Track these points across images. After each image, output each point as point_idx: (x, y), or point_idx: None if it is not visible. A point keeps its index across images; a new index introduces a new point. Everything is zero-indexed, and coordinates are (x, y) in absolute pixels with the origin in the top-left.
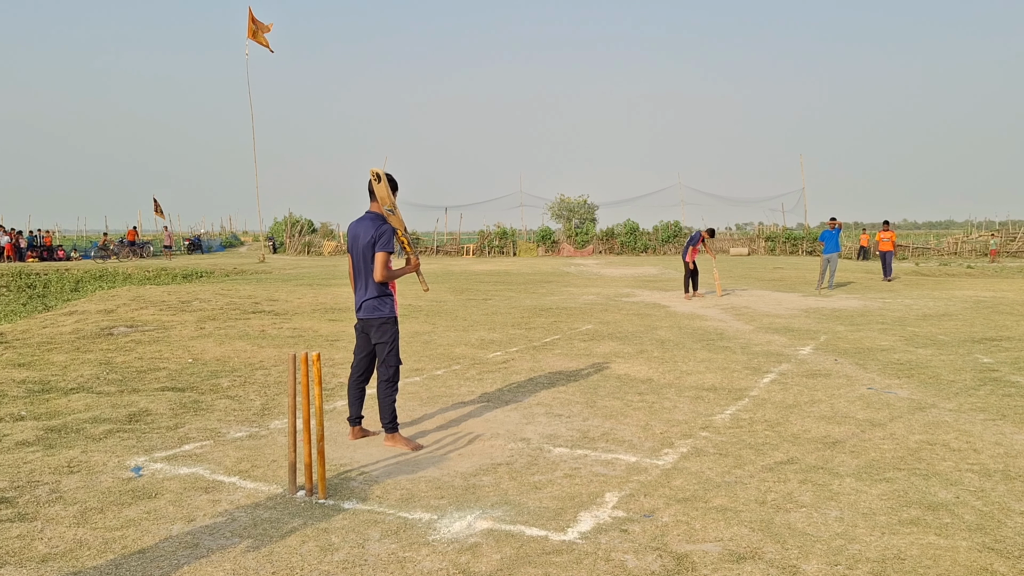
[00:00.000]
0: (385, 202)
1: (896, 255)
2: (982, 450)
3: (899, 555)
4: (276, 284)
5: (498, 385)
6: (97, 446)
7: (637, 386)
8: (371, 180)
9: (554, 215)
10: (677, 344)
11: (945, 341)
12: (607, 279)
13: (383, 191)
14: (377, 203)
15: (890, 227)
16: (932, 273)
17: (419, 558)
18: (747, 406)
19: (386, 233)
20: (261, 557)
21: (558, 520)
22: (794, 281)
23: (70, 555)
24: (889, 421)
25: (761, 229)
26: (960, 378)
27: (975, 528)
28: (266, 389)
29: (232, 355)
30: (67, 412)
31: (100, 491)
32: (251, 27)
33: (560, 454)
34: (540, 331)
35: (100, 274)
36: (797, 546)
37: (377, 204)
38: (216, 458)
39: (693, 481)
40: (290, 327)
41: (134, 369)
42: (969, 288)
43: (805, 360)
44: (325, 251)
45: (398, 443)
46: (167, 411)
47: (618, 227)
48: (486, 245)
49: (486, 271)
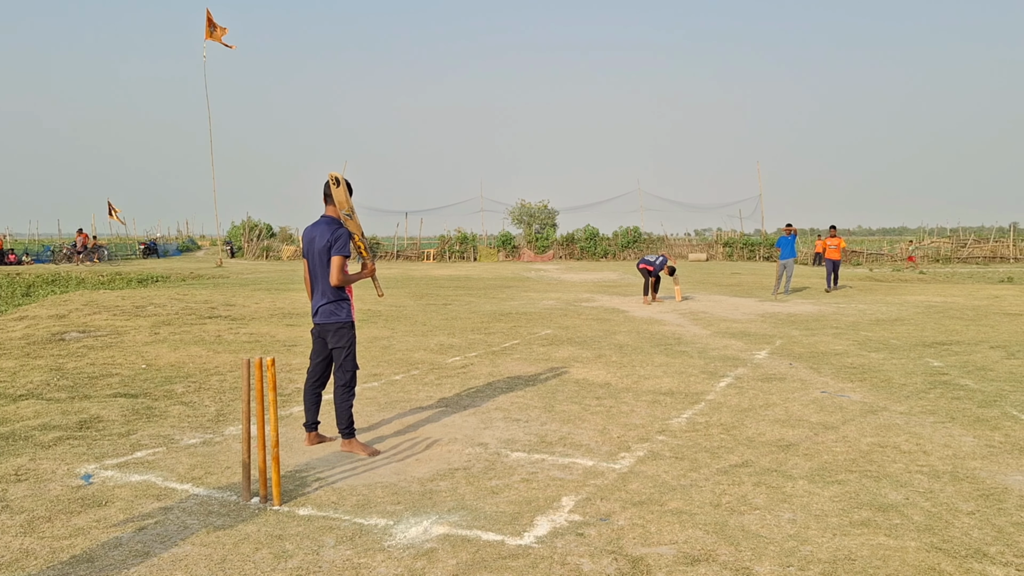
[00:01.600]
0: (343, 206)
1: (849, 261)
2: (931, 452)
3: (850, 556)
4: (233, 289)
5: (456, 390)
6: (46, 453)
7: (595, 390)
8: (328, 184)
9: (515, 220)
10: (635, 349)
11: (897, 345)
12: (567, 284)
13: (341, 195)
14: (333, 207)
15: (838, 233)
16: (885, 279)
17: (374, 564)
18: (703, 410)
19: (342, 237)
20: (213, 565)
21: (514, 525)
22: (751, 286)
23: (15, 565)
24: (842, 424)
25: (719, 235)
26: (911, 381)
27: (924, 529)
28: (221, 395)
29: (187, 361)
30: (15, 419)
31: (48, 499)
32: (208, 28)
33: (517, 459)
34: (499, 336)
35: (52, 279)
36: (750, 548)
37: (333, 208)
38: (169, 465)
39: (649, 484)
40: (247, 332)
41: (86, 375)
42: (921, 293)
43: (760, 364)
44: (283, 256)
45: (355, 448)
46: (119, 418)
47: (578, 232)
48: (447, 250)
49: (446, 276)
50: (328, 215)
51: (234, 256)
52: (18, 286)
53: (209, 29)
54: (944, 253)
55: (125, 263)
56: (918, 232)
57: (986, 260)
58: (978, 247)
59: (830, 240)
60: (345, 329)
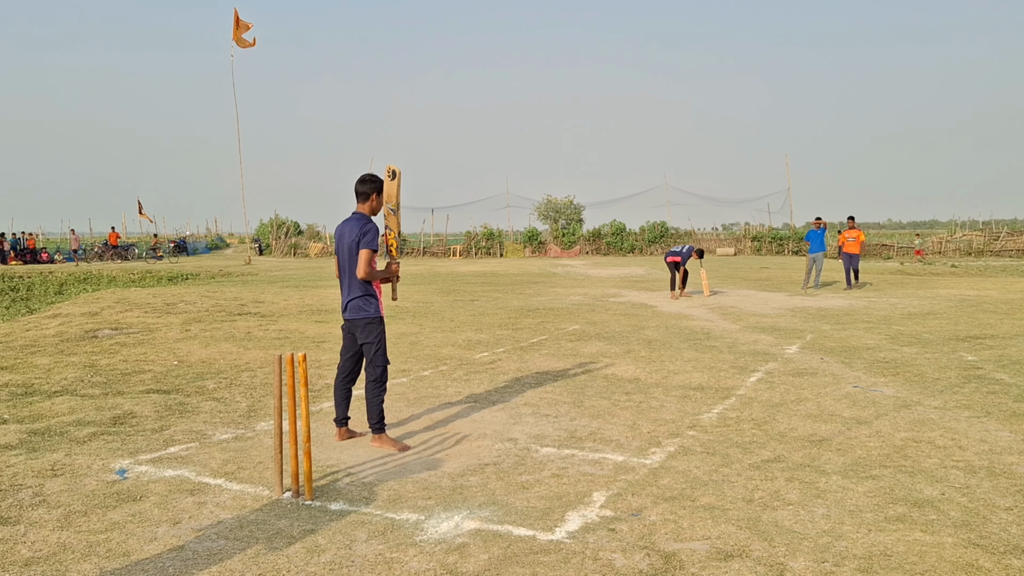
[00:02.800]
0: (391, 199)
1: (880, 255)
2: (967, 447)
3: (885, 552)
4: (262, 286)
5: (485, 386)
6: (81, 449)
7: (624, 386)
8: (365, 180)
9: (541, 216)
10: (664, 344)
11: (930, 339)
12: (594, 279)
13: (393, 188)
14: (364, 205)
15: (856, 225)
16: (917, 272)
17: (406, 559)
18: (734, 405)
19: (370, 232)
20: (247, 559)
21: (546, 520)
22: (780, 281)
23: (53, 559)
24: (875, 419)
25: (747, 229)
26: (945, 376)
27: (961, 524)
28: (252, 391)
29: (218, 357)
30: (51, 415)
31: (84, 494)
32: (235, 29)
33: (548, 454)
34: (527, 332)
35: (84, 277)
36: (784, 544)
37: (364, 206)
38: (202, 460)
39: (680, 480)
40: (276, 329)
41: (119, 371)
42: (953, 287)
43: (791, 359)
44: (311, 253)
45: (385, 444)
46: (152, 413)
47: (605, 228)
48: (473, 246)
49: (473, 272)
50: (359, 212)
51: (262, 254)
52: (51, 284)
53: (236, 29)
54: (976, 246)
55: (156, 262)
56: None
57: (1020, 253)
58: (1012, 240)
59: (848, 232)
60: (374, 324)
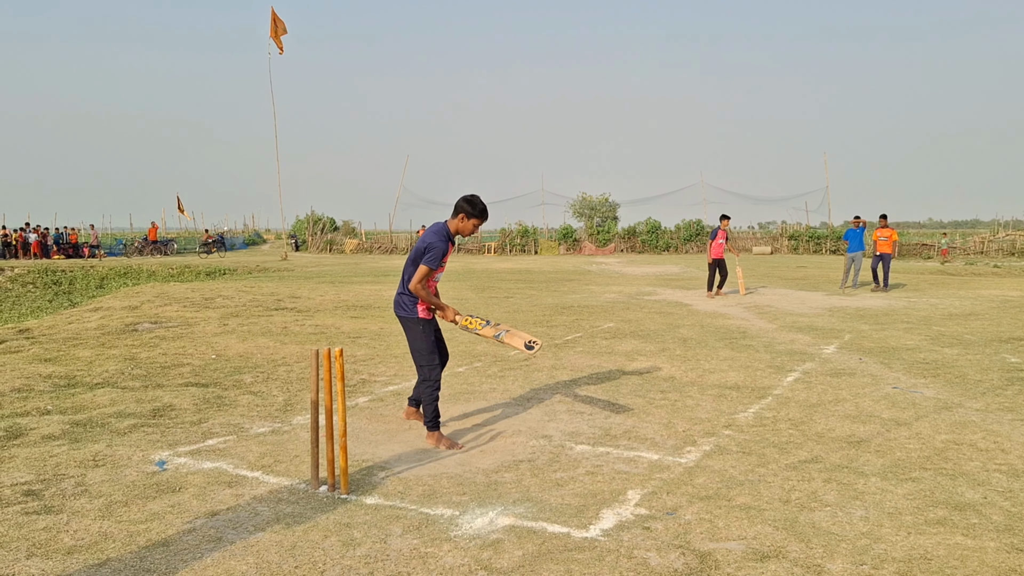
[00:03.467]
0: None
1: (920, 255)
2: (1010, 450)
3: (925, 555)
4: (298, 282)
5: (519, 382)
6: (122, 440)
7: (659, 384)
8: (469, 199)
9: (575, 213)
10: (699, 342)
11: (971, 340)
12: (629, 277)
13: (516, 340)
14: (453, 220)
15: (889, 224)
16: (958, 272)
17: (441, 554)
18: (770, 404)
19: (436, 249)
20: (284, 551)
21: (580, 517)
22: (818, 280)
23: (95, 547)
24: (915, 420)
25: (784, 228)
26: (987, 378)
27: (1003, 529)
28: (288, 385)
29: (255, 351)
30: (92, 407)
31: (125, 485)
32: (273, 27)
33: (582, 451)
34: (562, 329)
35: (125, 271)
36: (822, 545)
37: (453, 221)
38: (239, 453)
39: (716, 479)
40: (312, 324)
41: (158, 365)
42: (996, 287)
43: (829, 359)
44: (347, 249)
45: (434, 441)
46: (191, 406)
47: (640, 225)
48: (507, 243)
49: (507, 269)
50: (445, 223)
51: (298, 250)
52: (92, 278)
53: (273, 27)
54: (1020, 246)
55: (193, 256)
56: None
57: None
58: None
59: (880, 232)
60: (411, 323)
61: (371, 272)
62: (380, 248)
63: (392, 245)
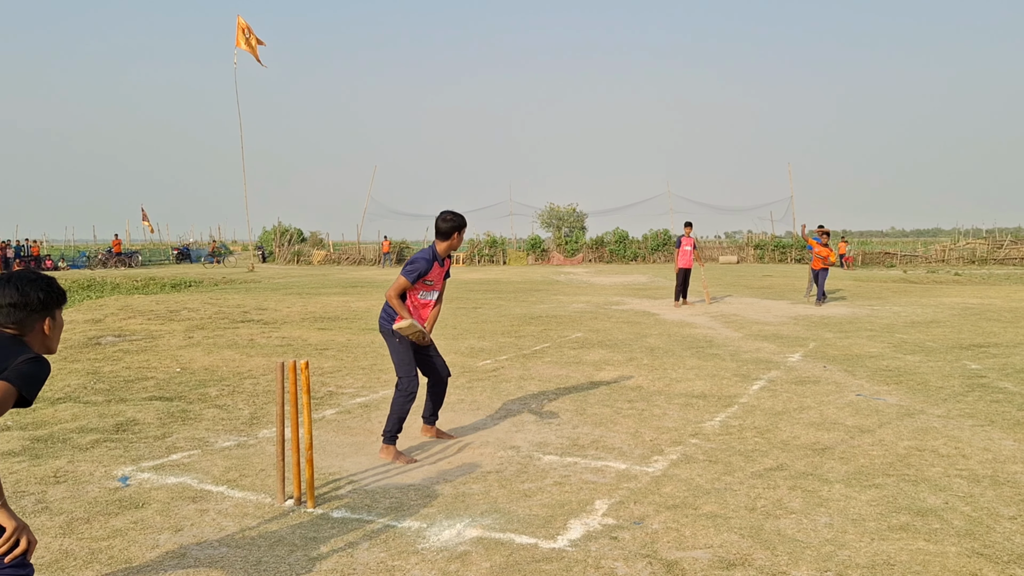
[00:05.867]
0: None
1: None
2: (971, 456)
3: (889, 561)
4: (265, 293)
5: (487, 393)
6: (84, 456)
7: (627, 393)
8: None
9: (544, 224)
10: (667, 351)
11: (933, 348)
12: (597, 287)
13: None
14: (443, 243)
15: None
16: (920, 280)
17: (408, 566)
18: (736, 413)
19: (418, 265)
20: (249, 567)
21: (548, 528)
22: (783, 289)
23: (56, 566)
24: (878, 427)
25: (750, 237)
26: (948, 384)
27: (964, 533)
28: (255, 398)
29: (220, 364)
30: (53, 422)
31: (87, 501)
32: (240, 36)
33: (550, 462)
34: (530, 339)
35: (88, 284)
36: (787, 552)
37: (443, 244)
38: (204, 467)
39: (683, 488)
40: (279, 336)
41: (121, 379)
42: (957, 295)
43: (794, 367)
44: (315, 260)
45: (389, 456)
46: (155, 421)
47: (607, 235)
48: (476, 254)
49: (476, 280)
50: (432, 246)
51: (265, 261)
52: None
53: (242, 36)
54: (980, 254)
55: (158, 267)
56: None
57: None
58: (1015, 248)
59: (819, 249)
60: (387, 336)
61: (339, 283)
62: (348, 259)
63: (360, 256)
